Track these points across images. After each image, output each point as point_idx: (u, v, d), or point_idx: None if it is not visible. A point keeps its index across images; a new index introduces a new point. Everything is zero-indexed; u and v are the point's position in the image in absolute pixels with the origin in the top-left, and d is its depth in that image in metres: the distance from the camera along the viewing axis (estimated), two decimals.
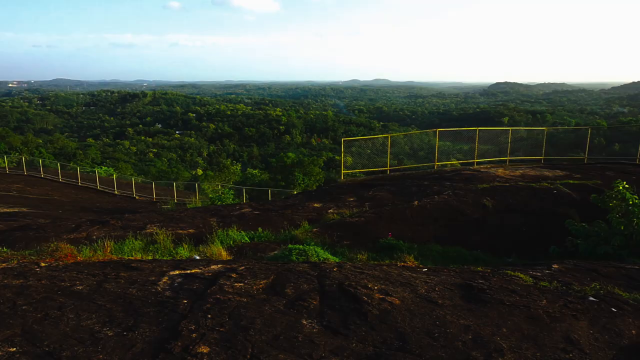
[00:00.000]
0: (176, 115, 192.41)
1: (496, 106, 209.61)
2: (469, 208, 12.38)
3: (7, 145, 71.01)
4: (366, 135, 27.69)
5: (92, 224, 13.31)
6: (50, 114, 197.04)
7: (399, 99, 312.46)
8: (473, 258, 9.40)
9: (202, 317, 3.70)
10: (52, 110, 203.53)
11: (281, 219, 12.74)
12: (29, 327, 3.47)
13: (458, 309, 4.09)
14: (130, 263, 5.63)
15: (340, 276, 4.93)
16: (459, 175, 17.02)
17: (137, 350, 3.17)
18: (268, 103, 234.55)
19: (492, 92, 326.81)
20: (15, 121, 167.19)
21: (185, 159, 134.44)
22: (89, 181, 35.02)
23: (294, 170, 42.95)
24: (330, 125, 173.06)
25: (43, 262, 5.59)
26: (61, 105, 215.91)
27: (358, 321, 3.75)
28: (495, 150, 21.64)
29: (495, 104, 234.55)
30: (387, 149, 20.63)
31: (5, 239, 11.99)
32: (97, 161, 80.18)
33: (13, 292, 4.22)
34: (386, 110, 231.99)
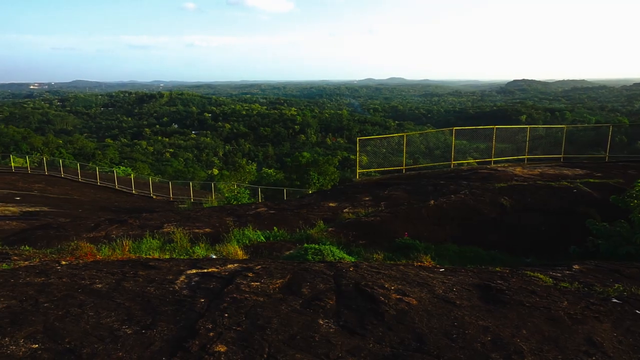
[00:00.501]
0: (192, 116, 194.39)
1: (513, 104, 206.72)
2: (486, 207, 12.22)
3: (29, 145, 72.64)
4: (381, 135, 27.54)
5: (111, 223, 13.52)
6: (70, 115, 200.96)
7: (414, 98, 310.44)
8: (490, 258, 9.28)
9: (219, 316, 3.72)
10: (71, 111, 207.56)
11: (296, 218, 12.77)
12: (50, 324, 3.53)
13: (476, 310, 4.04)
14: (148, 262, 5.69)
15: (357, 276, 4.91)
16: (476, 174, 16.83)
17: (155, 349, 3.19)
18: (283, 103, 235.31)
19: (509, 89, 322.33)
20: (37, 122, 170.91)
21: (202, 158, 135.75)
22: (108, 181, 35.61)
23: (309, 170, 43.00)
24: (345, 124, 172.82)
25: (64, 260, 5.69)
26: (80, 106, 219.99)
27: (375, 321, 3.73)
28: (512, 149, 21.32)
29: (512, 101, 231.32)
30: (402, 148, 20.49)
31: (27, 237, 12.27)
32: (116, 161, 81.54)
33: (35, 289, 4.30)
34: (401, 109, 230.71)
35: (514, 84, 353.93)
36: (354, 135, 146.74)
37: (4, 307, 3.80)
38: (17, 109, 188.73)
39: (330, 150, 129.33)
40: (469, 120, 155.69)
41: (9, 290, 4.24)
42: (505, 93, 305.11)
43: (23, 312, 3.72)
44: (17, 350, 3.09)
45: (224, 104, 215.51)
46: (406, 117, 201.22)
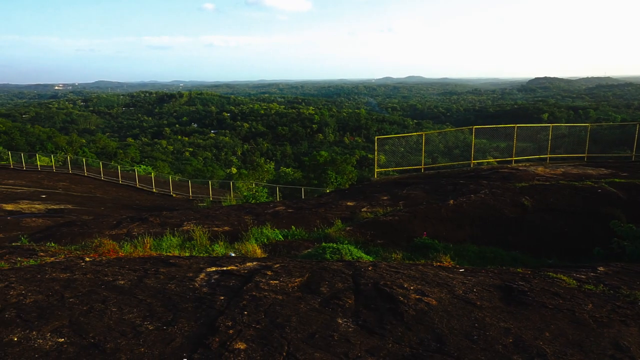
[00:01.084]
0: (211, 115, 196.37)
1: (535, 102, 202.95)
2: (507, 207, 12.03)
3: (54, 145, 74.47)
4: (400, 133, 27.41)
5: (132, 221, 13.75)
6: (93, 114, 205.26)
7: (433, 96, 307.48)
8: (511, 259, 9.13)
9: (239, 314, 3.75)
10: (94, 111, 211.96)
11: (314, 217, 12.78)
12: (75, 319, 3.61)
13: (497, 311, 3.98)
14: (169, 259, 5.78)
15: (376, 275, 4.89)
16: (496, 173, 16.58)
17: (176, 345, 3.24)
18: (301, 102, 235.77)
19: (530, 87, 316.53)
20: (61, 122, 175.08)
21: (220, 157, 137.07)
22: (129, 179, 36.25)
23: (326, 169, 43.00)
24: (363, 123, 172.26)
25: (88, 257, 5.81)
26: (103, 106, 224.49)
27: (394, 321, 3.71)
28: (534, 148, 20.92)
29: (534, 100, 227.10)
30: (421, 147, 20.32)
31: (53, 234, 12.57)
32: (137, 160, 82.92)
33: (61, 285, 4.41)
34: (420, 107, 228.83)
35: (535, 81, 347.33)
36: (372, 134, 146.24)
37: (31, 302, 3.91)
38: (43, 109, 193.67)
39: (348, 149, 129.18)
40: (488, 118, 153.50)
41: (36, 285, 4.36)
42: (526, 91, 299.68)
43: (49, 307, 3.82)
44: (44, 344, 3.17)
45: (243, 104, 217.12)
46: (425, 116, 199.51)
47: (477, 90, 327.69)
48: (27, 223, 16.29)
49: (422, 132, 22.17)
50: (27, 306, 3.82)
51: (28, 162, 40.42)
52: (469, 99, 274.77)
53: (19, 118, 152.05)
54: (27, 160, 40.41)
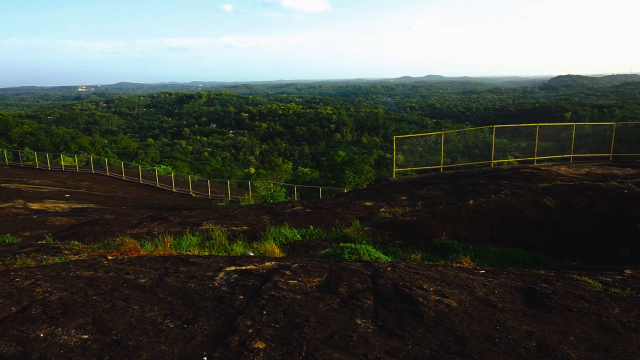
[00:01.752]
0: (230, 115, 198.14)
1: (557, 101, 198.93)
2: (529, 208, 11.81)
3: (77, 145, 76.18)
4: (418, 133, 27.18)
5: (153, 220, 13.97)
6: (115, 115, 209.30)
7: (452, 95, 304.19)
8: (533, 261, 8.96)
9: (258, 313, 3.76)
10: (116, 112, 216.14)
11: (332, 217, 12.77)
12: (98, 316, 3.68)
13: (520, 314, 3.90)
14: (189, 258, 5.84)
15: (395, 276, 4.85)
16: (518, 173, 16.30)
17: (196, 343, 3.27)
18: (319, 102, 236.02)
19: (553, 86, 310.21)
20: (84, 123, 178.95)
21: (239, 157, 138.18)
22: (149, 179, 36.83)
23: (344, 169, 42.93)
24: (381, 123, 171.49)
25: (110, 255, 5.92)
26: (124, 107, 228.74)
27: (414, 322, 3.67)
28: (556, 148, 20.50)
29: (556, 98, 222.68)
30: (440, 146, 20.11)
31: (76, 232, 12.86)
32: (157, 160, 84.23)
33: (84, 282, 4.50)
34: (439, 107, 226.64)
35: (558, 79, 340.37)
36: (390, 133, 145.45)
37: (56, 299, 4.00)
38: (67, 111, 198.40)
39: (366, 149, 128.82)
40: (509, 118, 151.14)
41: (61, 282, 4.46)
42: (548, 89, 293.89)
43: (74, 304, 3.90)
44: (69, 340, 3.24)
45: (261, 104, 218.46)
46: (444, 115, 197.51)
47: (497, 89, 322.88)
48: (52, 222, 16.70)
49: (441, 131, 21.93)
50: (53, 303, 3.90)
51: (53, 162, 41.44)
52: (489, 97, 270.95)
53: (44, 119, 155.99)
54: (51, 161, 41.43)
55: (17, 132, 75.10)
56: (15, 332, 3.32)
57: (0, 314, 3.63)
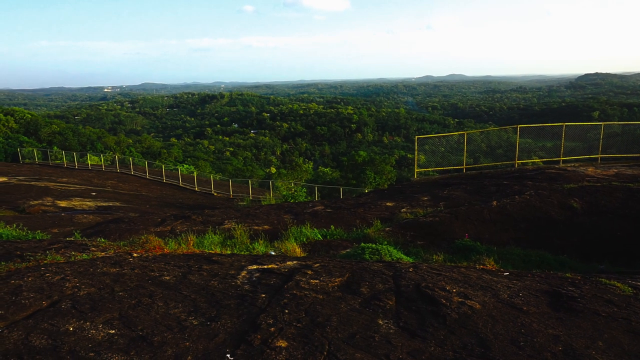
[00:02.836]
0: (251, 115, 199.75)
1: (585, 100, 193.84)
2: (554, 209, 11.55)
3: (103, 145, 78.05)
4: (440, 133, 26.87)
5: (176, 219, 14.19)
6: (139, 115, 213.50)
7: (475, 95, 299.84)
8: (558, 263, 8.76)
9: (280, 312, 3.79)
10: (140, 112, 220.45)
11: (353, 217, 12.74)
12: (125, 312, 3.77)
13: (545, 317, 3.83)
14: (212, 257, 5.92)
15: (417, 277, 4.82)
16: (543, 174, 15.95)
17: (219, 340, 3.31)
18: (339, 101, 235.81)
19: (580, 84, 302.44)
20: (110, 123, 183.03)
21: (260, 157, 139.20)
22: (172, 178, 37.44)
23: (365, 169, 42.79)
24: (403, 122, 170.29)
25: (135, 252, 6.05)
26: (148, 107, 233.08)
27: (436, 324, 3.64)
28: (583, 148, 19.98)
29: (583, 97, 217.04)
30: (462, 146, 19.85)
31: (102, 230, 13.17)
32: (179, 159, 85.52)
33: (111, 279, 4.61)
34: (461, 106, 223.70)
35: (585, 78, 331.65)
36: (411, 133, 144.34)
37: (85, 294, 4.11)
38: (93, 111, 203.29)
39: (387, 149, 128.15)
40: (534, 117, 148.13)
41: (88, 278, 4.58)
42: (575, 88, 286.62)
43: (101, 300, 4.00)
44: (97, 335, 3.32)
45: (282, 104, 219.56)
46: (466, 115, 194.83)
47: (521, 88, 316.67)
48: (79, 219, 17.14)
49: (464, 131, 21.64)
50: (81, 298, 4.01)
51: (80, 161, 42.52)
52: (513, 97, 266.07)
53: (72, 119, 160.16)
54: (79, 160, 42.52)
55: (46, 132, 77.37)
56: (47, 325, 3.43)
57: (32, 308, 3.75)
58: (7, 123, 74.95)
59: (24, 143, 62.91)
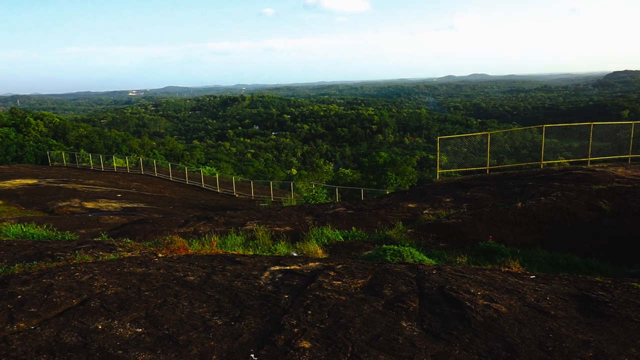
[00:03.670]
0: (272, 117, 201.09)
1: (614, 98, 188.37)
2: (582, 211, 11.26)
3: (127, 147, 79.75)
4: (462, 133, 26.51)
5: (199, 220, 14.39)
6: (162, 118, 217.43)
7: (498, 95, 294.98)
8: (587, 266, 8.53)
9: (303, 313, 3.80)
10: (163, 115, 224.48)
11: (375, 218, 12.69)
12: (151, 311, 3.84)
13: (575, 322, 3.73)
14: (235, 257, 5.98)
15: (440, 279, 4.76)
16: (569, 175, 15.57)
17: (243, 341, 3.34)
18: (360, 103, 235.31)
19: (608, 82, 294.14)
20: (134, 126, 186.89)
21: (281, 159, 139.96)
22: (195, 180, 37.98)
23: (386, 170, 42.56)
24: (424, 123, 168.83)
25: (160, 253, 6.16)
26: (171, 110, 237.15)
27: (461, 327, 3.59)
28: (612, 148, 19.42)
29: (612, 95, 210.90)
30: (485, 147, 19.55)
31: (127, 230, 13.45)
32: (202, 161, 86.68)
33: (137, 278, 4.71)
34: (484, 106, 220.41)
35: (614, 76, 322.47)
36: (433, 134, 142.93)
37: (112, 293, 4.20)
38: (118, 114, 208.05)
39: (408, 150, 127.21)
40: (559, 117, 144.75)
41: (116, 278, 4.68)
42: (603, 86, 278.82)
43: (128, 299, 4.08)
44: (125, 333, 3.40)
45: (303, 105, 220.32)
46: (489, 115, 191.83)
47: (547, 87, 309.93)
48: (105, 220, 17.56)
49: (487, 131, 21.31)
50: (109, 297, 4.11)
51: (105, 164, 43.57)
52: (537, 96, 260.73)
53: (98, 123, 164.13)
54: (104, 162, 43.57)
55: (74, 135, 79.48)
56: (77, 323, 3.53)
57: (62, 306, 3.86)
58: (37, 127, 77.32)
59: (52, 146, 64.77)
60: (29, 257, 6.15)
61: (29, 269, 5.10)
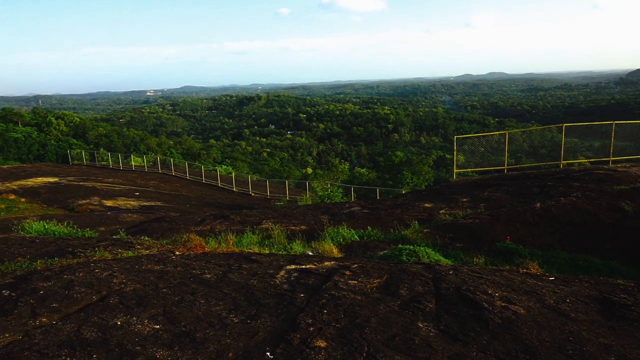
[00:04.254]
0: (288, 116, 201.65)
1: (637, 96, 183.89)
2: (603, 212, 11.02)
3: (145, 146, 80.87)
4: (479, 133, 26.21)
5: (215, 218, 14.51)
6: (180, 118, 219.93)
7: (516, 93, 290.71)
8: (608, 269, 8.35)
9: (318, 312, 3.80)
10: (180, 115, 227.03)
11: (390, 218, 12.62)
12: (168, 308, 3.89)
13: (596, 325, 3.65)
14: (250, 256, 6.02)
15: (457, 280, 4.71)
16: (590, 175, 15.25)
17: (259, 339, 3.36)
18: (376, 102, 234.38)
19: (631, 80, 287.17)
20: (152, 125, 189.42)
21: (296, 158, 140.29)
22: (211, 179, 38.31)
23: (402, 169, 42.33)
24: (441, 122, 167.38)
25: (177, 251, 6.23)
26: (188, 110, 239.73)
27: (478, 328, 3.55)
28: (635, 147, 18.95)
29: (635, 93, 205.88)
30: (503, 146, 19.28)
31: (145, 228, 13.63)
32: (218, 160, 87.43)
33: (155, 276, 4.77)
34: (502, 105, 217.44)
35: (637, 73, 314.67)
36: (449, 133, 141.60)
37: (131, 290, 4.27)
38: (136, 114, 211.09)
39: (424, 150, 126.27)
40: (580, 115, 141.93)
41: (134, 275, 4.75)
42: (625, 84, 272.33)
43: (146, 296, 4.14)
44: (143, 329, 3.44)
45: (318, 105, 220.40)
46: (507, 114, 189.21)
47: (567, 85, 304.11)
48: (124, 218, 17.83)
49: (505, 130, 21.03)
50: (128, 294, 4.17)
51: (124, 162, 44.25)
52: (557, 94, 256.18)
53: (117, 122, 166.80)
54: (123, 161, 44.25)
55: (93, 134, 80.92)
56: (96, 319, 3.59)
57: (83, 302, 3.93)
58: (58, 126, 78.94)
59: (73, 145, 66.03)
60: (51, 253, 6.28)
61: (51, 265, 5.21)
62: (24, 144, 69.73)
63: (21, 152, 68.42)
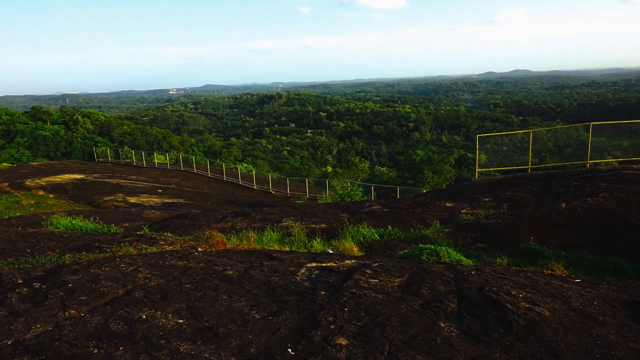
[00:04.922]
0: (308, 115, 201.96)
1: None
2: (632, 213, 10.71)
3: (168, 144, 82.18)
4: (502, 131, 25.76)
5: (236, 216, 14.66)
6: (201, 116, 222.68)
7: (540, 91, 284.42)
8: (637, 272, 8.10)
9: (340, 310, 3.81)
10: (202, 113, 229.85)
11: (411, 217, 12.53)
12: (191, 303, 3.95)
13: (625, 329, 3.56)
14: (271, 253, 6.06)
15: (480, 280, 4.66)
16: (619, 175, 14.83)
17: (281, 335, 3.39)
18: (397, 100, 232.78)
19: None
20: (174, 123, 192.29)
21: (316, 156, 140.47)
22: (232, 176, 38.70)
23: (423, 168, 41.94)
24: (462, 121, 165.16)
25: (200, 247, 6.32)
26: (210, 108, 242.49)
27: (501, 330, 3.50)
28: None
29: None
30: (527, 145, 18.90)
31: (168, 225, 13.87)
32: (239, 158, 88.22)
33: (178, 271, 4.85)
34: (526, 103, 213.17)
35: None
36: (471, 132, 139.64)
37: (155, 285, 4.35)
38: (159, 112, 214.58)
39: (445, 148, 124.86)
40: (607, 114, 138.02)
41: (158, 270, 4.85)
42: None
43: (170, 291, 4.22)
44: (167, 323, 3.51)
45: (339, 103, 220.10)
46: (531, 113, 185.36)
47: (594, 83, 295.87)
48: (147, 214, 18.18)
49: (529, 129, 20.61)
50: (152, 288, 4.26)
51: (147, 160, 45.05)
52: (583, 92, 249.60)
53: (140, 120, 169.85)
54: (146, 158, 45.06)
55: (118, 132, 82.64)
56: (122, 312, 3.68)
57: (109, 296, 4.03)
58: (85, 124, 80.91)
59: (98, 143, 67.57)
60: (78, 248, 6.46)
61: (79, 259, 5.36)
62: (52, 141, 71.77)
63: (49, 149, 70.48)
